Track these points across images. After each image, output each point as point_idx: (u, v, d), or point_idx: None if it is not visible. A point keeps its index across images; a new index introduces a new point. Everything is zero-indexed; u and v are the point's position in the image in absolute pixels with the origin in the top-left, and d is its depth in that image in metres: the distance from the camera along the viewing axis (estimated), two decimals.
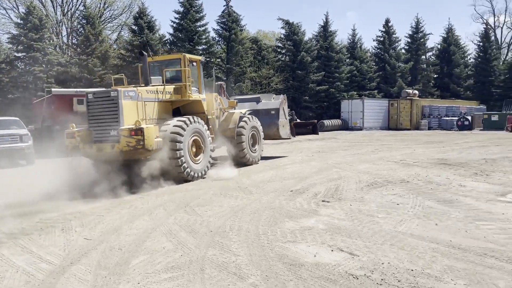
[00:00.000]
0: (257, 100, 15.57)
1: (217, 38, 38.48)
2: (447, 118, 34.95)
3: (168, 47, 35.37)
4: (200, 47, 35.95)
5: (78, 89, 18.61)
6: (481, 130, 31.28)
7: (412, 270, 3.78)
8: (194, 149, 9.94)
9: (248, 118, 12.61)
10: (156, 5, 63.95)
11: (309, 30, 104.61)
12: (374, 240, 4.68)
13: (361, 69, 43.85)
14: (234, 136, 11.98)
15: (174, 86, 10.47)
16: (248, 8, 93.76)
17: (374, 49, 49.43)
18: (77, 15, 39.35)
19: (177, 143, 9.16)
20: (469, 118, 32.98)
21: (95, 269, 4.13)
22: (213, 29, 38.67)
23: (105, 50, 31.04)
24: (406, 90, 37.73)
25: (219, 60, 36.93)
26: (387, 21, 48.29)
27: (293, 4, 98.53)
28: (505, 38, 60.05)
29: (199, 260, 4.25)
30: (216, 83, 13.76)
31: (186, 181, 9.38)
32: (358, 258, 4.12)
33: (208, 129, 10.61)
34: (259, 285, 3.60)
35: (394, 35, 48.23)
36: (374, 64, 46.30)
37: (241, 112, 12.65)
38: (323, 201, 6.84)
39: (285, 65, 40.36)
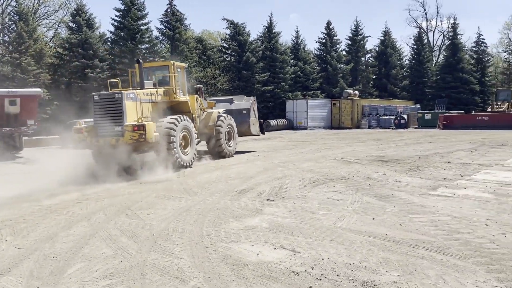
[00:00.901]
0: (230, 101, 17.63)
1: (160, 37, 37.72)
2: (385, 117, 36.72)
3: (110, 45, 34.15)
4: (143, 46, 35.08)
5: (10, 89, 17.44)
6: (416, 128, 33.19)
7: (350, 264, 3.93)
8: (183, 143, 11.57)
9: (224, 117, 14.21)
10: (95, 2, 61.53)
11: (254, 31, 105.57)
12: (315, 236, 4.81)
13: (304, 70, 44.91)
14: (213, 133, 13.61)
15: (164, 89, 12.23)
16: (193, 7, 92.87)
17: (317, 51, 50.84)
18: (8, 11, 36.83)
19: (171, 137, 10.81)
20: (405, 117, 34.88)
21: (27, 280, 3.89)
22: (156, 28, 37.87)
23: (40, 48, 29.35)
24: (347, 91, 39.17)
25: (163, 59, 36.15)
26: (329, 24, 49.85)
27: (238, 4, 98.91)
28: (436, 41, 64.21)
29: (140, 265, 4.14)
30: (195, 86, 15.75)
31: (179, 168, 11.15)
32: (300, 255, 4.21)
33: (194, 126, 12.36)
34: (201, 287, 3.57)
35: (335, 37, 49.87)
36: (317, 65, 47.60)
37: (218, 112, 14.25)
38: (267, 200, 6.92)
39: (230, 65, 40.41)
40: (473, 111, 36.78)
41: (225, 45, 43.15)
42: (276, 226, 5.29)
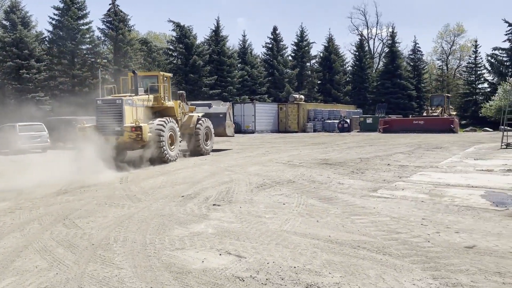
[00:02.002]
0: (209, 106, 19.50)
1: (103, 38, 36.36)
2: (329, 121, 37.86)
3: (47, 45, 32.42)
4: (83, 47, 33.65)
5: None
6: (358, 131, 34.51)
7: (294, 267, 3.96)
8: (170, 141, 13.62)
9: (203, 120, 16.30)
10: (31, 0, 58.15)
11: (201, 34, 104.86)
12: (261, 240, 4.81)
13: (252, 74, 45.28)
14: (193, 133, 15.64)
15: (154, 96, 14.24)
16: (137, 8, 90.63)
17: (264, 55, 51.50)
18: None
19: (161, 136, 12.88)
20: (348, 121, 36.18)
21: None
22: (98, 28, 36.43)
23: None
24: (293, 95, 39.97)
25: (105, 61, 34.93)
26: (275, 29, 50.69)
27: (184, 6, 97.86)
28: (376, 49, 67.27)
29: (77, 277, 3.92)
30: (178, 92, 17.52)
31: (166, 162, 13.08)
32: (245, 260, 4.19)
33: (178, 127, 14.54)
34: None
35: (281, 43, 50.79)
36: (264, 69, 48.17)
37: (198, 116, 16.31)
38: (214, 205, 6.85)
39: (177, 68, 39.85)
40: (410, 116, 38.97)
41: (171, 47, 42.50)
42: (222, 232, 5.23)
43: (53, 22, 32.33)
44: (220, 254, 4.39)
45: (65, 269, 4.13)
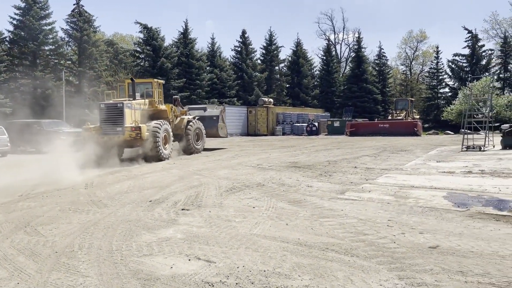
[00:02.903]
0: (204, 109, 21.63)
1: (66, 39, 35.33)
2: (298, 124, 38.28)
3: (8, 45, 31.19)
4: (46, 48, 32.58)
5: None
6: (326, 135, 35.06)
7: (264, 270, 3.97)
8: (164, 141, 15.22)
9: (193, 122, 17.85)
10: None
11: (169, 36, 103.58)
12: (230, 245, 4.79)
13: (221, 77, 45.19)
14: (183, 134, 17.19)
15: (149, 100, 16.04)
16: (103, 9, 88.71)
17: (233, 59, 51.50)
18: None
19: (156, 137, 14.54)
20: (316, 124, 36.70)
21: None
22: (62, 28, 35.34)
23: None
24: (263, 98, 40.16)
25: (69, 62, 33.96)
26: (244, 32, 50.82)
27: (152, 8, 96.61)
28: (343, 53, 68.68)
29: (40, 286, 3.77)
30: (173, 96, 19.27)
31: (160, 160, 14.71)
32: (215, 265, 4.15)
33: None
34: None
35: (250, 46, 50.96)
36: (233, 72, 48.17)
37: (188, 118, 17.85)
38: (182, 209, 6.76)
39: (144, 70, 39.22)
40: (376, 119, 39.97)
41: (138, 49, 41.82)
42: (191, 237, 5.17)
43: (14, 22, 31.16)
44: (189, 260, 4.33)
45: (26, 279, 3.96)
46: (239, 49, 50.14)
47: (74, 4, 35.32)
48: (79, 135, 20.37)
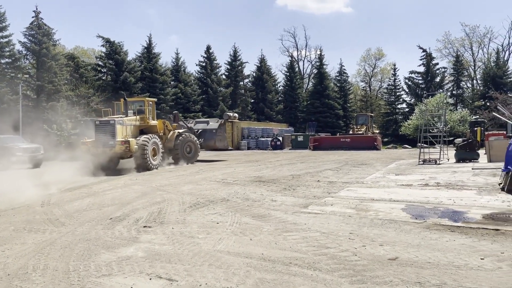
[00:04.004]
0: (207, 123, 24.83)
1: (24, 52, 34.14)
2: (262, 139, 38.50)
3: None
4: (2, 61, 31.33)
5: None
6: (290, 149, 35.43)
7: (227, 287, 3.93)
8: (153, 153, 17.10)
9: (183, 135, 19.70)
10: None
11: (132, 51, 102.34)
12: (193, 262, 4.72)
13: (185, 91, 44.97)
14: (173, 147, 19.15)
15: (140, 117, 18.00)
16: (64, 22, 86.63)
17: (197, 74, 51.47)
18: None
19: (145, 149, 16.40)
20: (281, 139, 37.07)
21: None
22: (20, 41, 34.07)
23: None
24: (228, 113, 40.16)
25: (27, 76, 32.77)
26: (208, 48, 51.01)
27: (115, 22, 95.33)
28: (306, 70, 70.19)
29: None
30: (173, 112, 21.57)
31: (149, 170, 16.57)
32: (177, 283, 4.08)
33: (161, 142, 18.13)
34: None
35: (215, 61, 51.17)
36: (197, 87, 48.06)
37: (178, 132, 19.71)
38: (144, 226, 6.61)
39: (106, 84, 38.41)
40: (338, 134, 40.90)
41: (100, 63, 40.99)
42: (153, 255, 5.06)
43: None
44: (150, 279, 4.23)
45: None
46: (203, 64, 50.22)
47: (33, 17, 34.28)
48: (35, 150, 19.63)
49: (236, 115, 41.22)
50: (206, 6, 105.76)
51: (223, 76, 52.85)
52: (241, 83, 55.21)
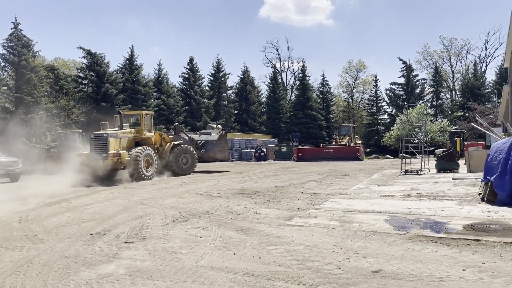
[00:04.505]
0: (210, 134, 24.06)
1: (3, 64, 33.56)
2: (246, 150, 38.53)
3: None
4: None
5: None
6: (274, 160, 35.49)
7: None
8: (146, 164, 18.04)
9: (179, 147, 20.47)
10: None
11: (114, 62, 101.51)
12: (176, 278, 4.63)
13: (168, 103, 44.78)
14: (168, 157, 19.90)
15: (136, 129, 18.99)
16: (44, 33, 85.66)
17: (180, 85, 51.36)
18: None
19: (137, 161, 17.36)
20: (264, 150, 37.13)
21: None
22: None
23: None
24: (211, 125, 40.00)
25: (5, 88, 32.16)
26: (191, 59, 51.04)
27: (96, 34, 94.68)
28: (289, 81, 70.76)
29: None
30: (174, 124, 23.82)
31: (143, 180, 17.52)
32: None
33: (156, 154, 19.18)
34: None
35: (198, 73, 51.19)
36: (180, 99, 47.91)
37: (173, 143, 20.54)
38: (126, 242, 6.48)
39: (87, 96, 37.98)
40: (321, 145, 41.21)
41: (81, 75, 40.56)
42: (134, 271, 4.95)
43: None
44: None
45: None
46: (186, 75, 50.16)
47: (12, 28, 33.78)
48: (13, 164, 19.16)
49: (220, 126, 41.14)
50: (189, 17, 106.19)
51: (206, 88, 52.86)
52: (225, 94, 55.30)
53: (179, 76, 51.98)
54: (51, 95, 34.69)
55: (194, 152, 21.20)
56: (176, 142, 20.83)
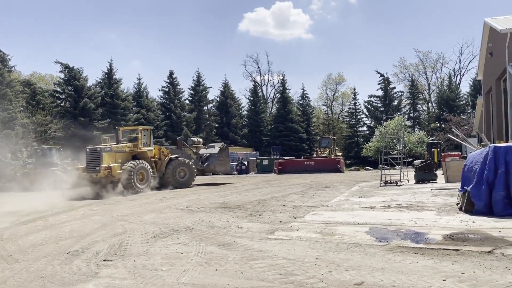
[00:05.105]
0: (213, 147, 25.05)
1: None
2: None
3: None
4: None
5: None
6: (255, 173, 35.47)
7: None
8: (140, 177, 19.07)
9: (175, 160, 21.25)
10: None
11: (93, 76, 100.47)
12: None
13: (148, 117, 44.43)
14: (164, 171, 20.84)
15: (132, 144, 19.87)
16: (20, 47, 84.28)
17: (160, 99, 51.08)
18: None
19: (130, 174, 18.32)
20: (246, 163, 37.10)
21: None
22: None
23: None
24: (192, 138, 39.81)
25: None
26: (171, 73, 50.92)
27: (74, 48, 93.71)
28: (269, 94, 71.21)
29: None
30: (178, 138, 23.98)
31: (136, 193, 18.42)
32: None
33: (154, 167, 20.23)
34: None
35: (178, 87, 51.07)
36: (160, 112, 47.61)
37: (170, 158, 21.39)
38: (104, 260, 6.32)
39: (65, 111, 37.35)
40: (302, 157, 41.40)
41: (58, 89, 39.92)
42: None
43: None
44: None
45: None
46: (166, 89, 49.97)
47: None
48: None
49: (201, 140, 40.92)
50: (169, 31, 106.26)
51: (187, 101, 52.72)
52: (205, 108, 55.23)
53: (159, 90, 51.72)
54: (27, 110, 34.01)
55: (193, 165, 21.76)
56: (173, 156, 21.50)
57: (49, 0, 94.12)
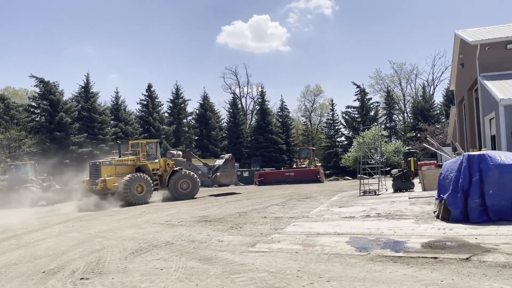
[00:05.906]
0: (222, 159, 24.49)
1: None
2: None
3: None
4: None
5: None
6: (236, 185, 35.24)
7: None
8: (139, 189, 19.75)
9: (178, 172, 21.79)
10: None
11: (69, 90, 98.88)
12: None
13: (126, 131, 43.87)
14: (167, 182, 21.42)
15: (136, 157, 20.73)
16: None
17: (139, 112, 50.55)
18: None
19: (126, 187, 19.13)
20: None
21: None
22: None
23: None
24: (171, 151, 39.41)
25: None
26: (150, 86, 50.58)
27: (49, 62, 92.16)
28: (249, 106, 71.41)
29: None
30: (186, 149, 25.98)
31: (131, 205, 19.17)
32: None
33: (156, 179, 21.14)
34: None
35: (157, 100, 50.71)
36: (139, 126, 47.08)
37: (174, 169, 21.95)
38: (81, 278, 6.15)
39: (40, 126, 36.56)
40: (282, 168, 41.48)
41: (33, 104, 39.07)
42: None
43: None
44: None
45: None
46: (145, 102, 49.53)
47: None
48: None
49: (180, 153, 40.55)
50: (147, 44, 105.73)
51: (166, 114, 52.35)
52: (185, 120, 54.92)
53: (137, 103, 51.22)
54: (0, 126, 33.10)
55: (196, 177, 22.43)
56: (176, 168, 22.07)
57: (23, 13, 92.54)
